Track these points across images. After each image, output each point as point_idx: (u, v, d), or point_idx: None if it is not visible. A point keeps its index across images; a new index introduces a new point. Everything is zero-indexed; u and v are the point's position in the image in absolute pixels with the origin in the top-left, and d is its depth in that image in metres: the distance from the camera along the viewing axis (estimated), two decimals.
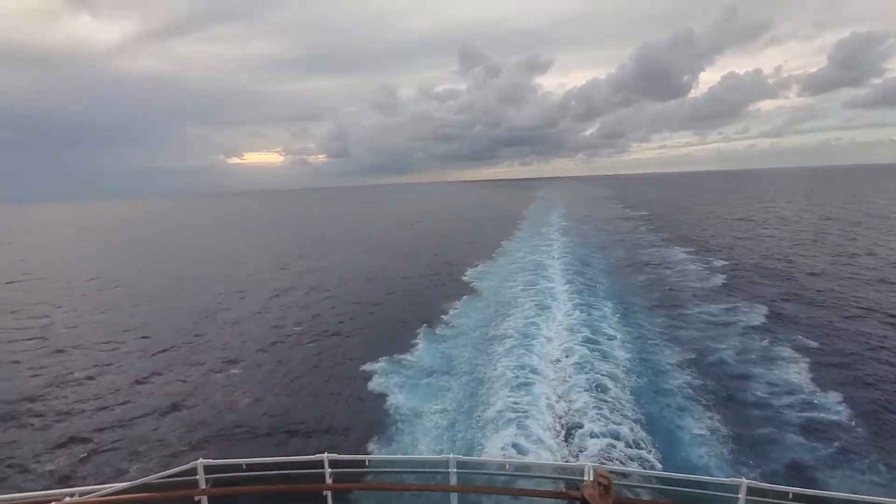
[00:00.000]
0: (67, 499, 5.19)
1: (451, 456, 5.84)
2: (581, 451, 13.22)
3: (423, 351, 22.34)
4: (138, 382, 20.75)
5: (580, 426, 14.34)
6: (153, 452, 15.26)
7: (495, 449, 13.60)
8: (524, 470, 7.02)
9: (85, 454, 15.25)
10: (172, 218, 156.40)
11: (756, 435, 14.24)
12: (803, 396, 16.15)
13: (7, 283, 45.21)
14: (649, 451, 13.11)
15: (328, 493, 5.78)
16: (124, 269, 51.28)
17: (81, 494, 5.26)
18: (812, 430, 14.24)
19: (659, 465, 12.43)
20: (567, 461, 12.46)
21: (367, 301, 32.91)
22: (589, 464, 5.62)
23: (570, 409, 15.57)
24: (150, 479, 5.50)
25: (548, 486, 6.01)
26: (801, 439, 13.84)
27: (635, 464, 12.66)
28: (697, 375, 18.28)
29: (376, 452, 14.34)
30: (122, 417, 17.60)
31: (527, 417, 15.01)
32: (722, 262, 38.09)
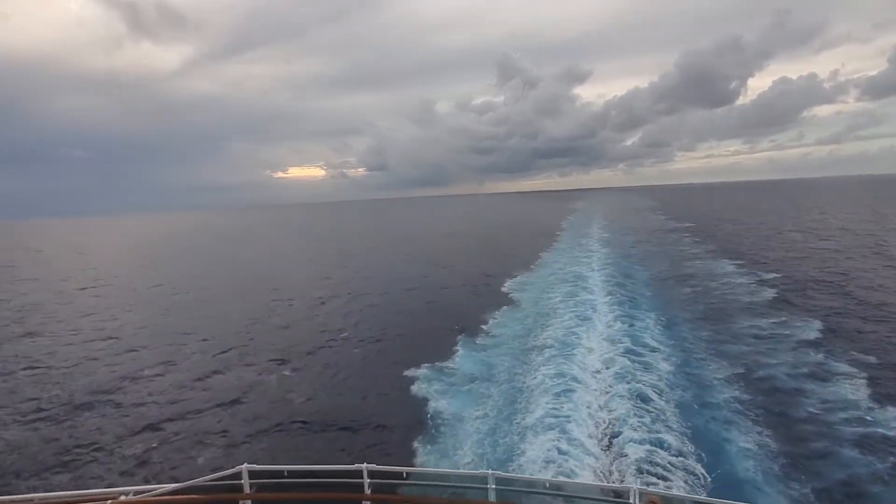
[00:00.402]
0: (123, 497, 5.43)
1: (491, 472, 5.82)
2: (622, 457, 13.34)
3: (463, 359, 22.85)
4: (198, 380, 22.37)
5: (621, 433, 14.43)
6: (207, 452, 16.10)
7: (536, 453, 13.92)
8: (566, 489, 7.04)
9: (152, 447, 16.64)
10: (226, 229, 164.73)
11: (808, 450, 13.85)
12: (859, 413, 15.49)
13: (81, 288, 49.33)
14: (693, 462, 13.06)
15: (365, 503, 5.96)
16: (184, 276, 54.80)
17: (136, 493, 5.47)
18: (868, 445, 13.69)
19: (703, 473, 12.39)
20: (612, 482, 12.38)
21: (409, 310, 33.83)
22: (635, 487, 5.47)
23: (611, 418, 15.65)
24: (198, 481, 5.63)
25: None
26: (857, 454, 13.36)
27: (680, 480, 12.59)
28: (745, 390, 17.85)
29: (420, 456, 14.93)
30: (182, 414, 19.06)
31: (568, 422, 15.22)
32: (773, 275, 36.59)
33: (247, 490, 5.61)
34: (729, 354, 21.43)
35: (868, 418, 15.17)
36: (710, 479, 12.40)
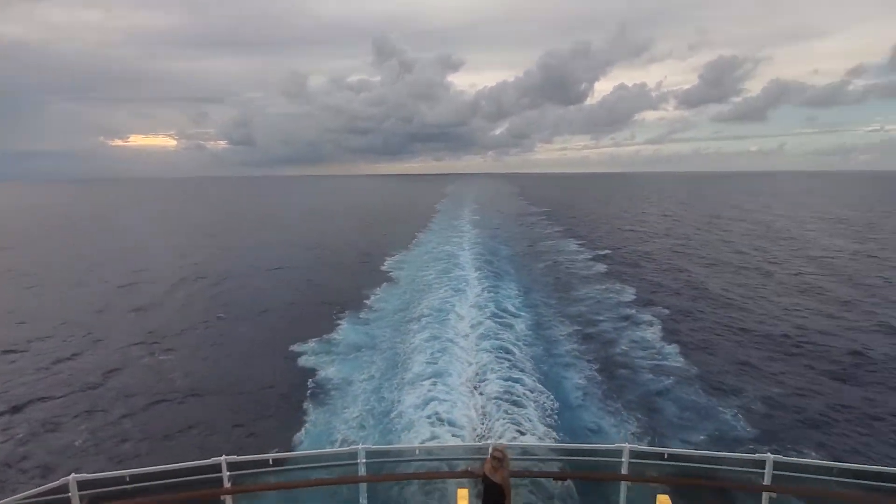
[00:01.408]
0: None
1: (361, 447, 5.84)
2: (490, 401, 16.26)
3: (347, 331, 24.19)
4: (48, 368, 20.13)
5: (486, 378, 17.45)
6: (30, 463, 14.04)
7: (416, 400, 16.18)
8: (434, 454, 7.13)
9: None
10: (50, 207, 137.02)
11: (619, 376, 18.45)
12: (653, 350, 20.92)
13: None
14: (542, 393, 16.57)
15: (226, 499, 5.44)
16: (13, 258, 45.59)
17: None
18: (658, 370, 18.81)
19: (549, 401, 15.90)
20: (478, 441, 14.75)
21: (288, 289, 33.65)
22: (491, 443, 5.83)
23: (478, 366, 18.64)
24: (17, 497, 5.08)
25: (456, 468, 6.07)
26: (650, 376, 18.28)
27: (532, 407, 15.67)
28: (581, 341, 22.41)
29: (312, 416, 16.13)
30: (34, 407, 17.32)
31: (442, 373, 17.82)
32: (605, 252, 44.37)
33: (76, 503, 5.12)
34: (570, 315, 26.27)
35: (657, 353, 20.57)
36: (555, 405, 15.93)
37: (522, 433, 13.97)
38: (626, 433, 14.63)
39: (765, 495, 5.48)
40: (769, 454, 5.60)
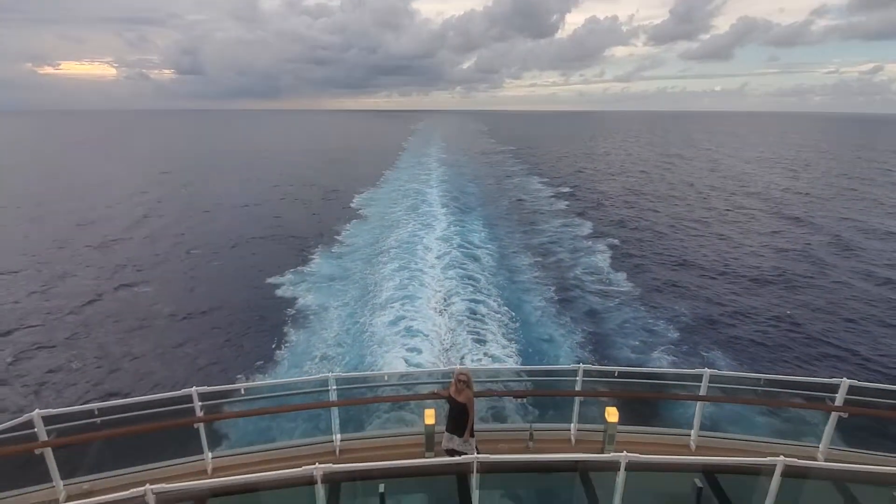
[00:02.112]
0: None
1: (331, 374, 5.85)
2: (455, 319, 18.09)
3: (321, 265, 25.29)
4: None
5: (453, 301, 19.24)
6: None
7: (388, 318, 17.89)
8: (402, 379, 7.41)
9: None
10: None
11: (571, 297, 20.65)
12: (601, 276, 23.24)
13: None
14: (503, 314, 18.54)
15: (200, 426, 5.43)
16: None
17: None
18: (603, 293, 21.12)
19: (508, 320, 17.90)
20: (443, 367, 16.48)
21: (259, 225, 33.90)
22: (456, 367, 6.21)
23: (446, 292, 20.37)
24: None
25: (423, 391, 6.27)
26: (598, 299, 20.56)
27: (494, 324, 17.59)
28: (540, 269, 24.41)
29: (293, 337, 17.57)
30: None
31: (411, 296, 19.57)
32: (567, 190, 46.19)
33: (42, 438, 5.00)
34: (531, 246, 28.16)
35: (605, 279, 22.89)
36: (515, 324, 17.93)
37: (484, 343, 15.96)
38: (574, 343, 16.90)
39: (698, 404, 5.97)
40: (706, 369, 5.96)
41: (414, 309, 18.45)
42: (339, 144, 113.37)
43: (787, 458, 4.25)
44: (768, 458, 4.29)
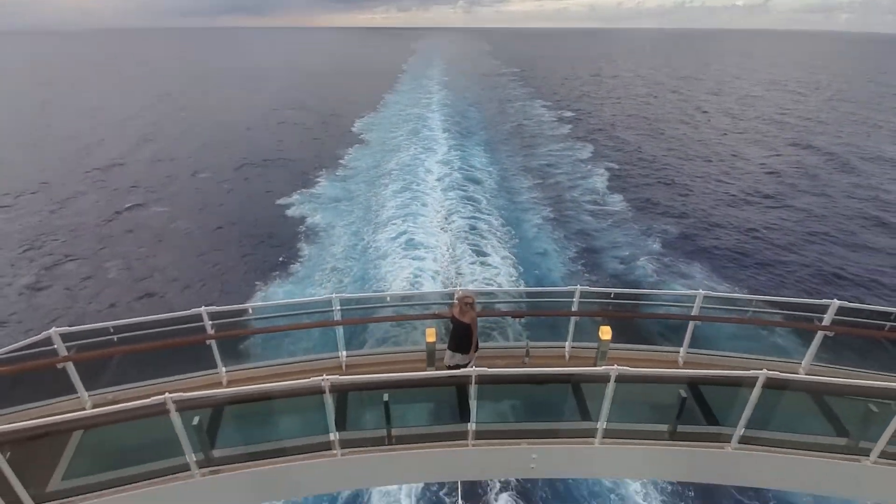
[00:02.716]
0: None
1: (335, 295, 5.93)
2: (456, 236, 19.37)
3: (327, 187, 26.16)
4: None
5: (454, 219, 20.52)
6: (9, 319, 15.55)
7: (391, 235, 19.28)
8: (404, 300, 7.54)
9: None
10: None
11: (567, 217, 21.79)
12: (597, 196, 24.20)
13: None
14: (502, 231, 19.84)
15: (212, 343, 5.60)
16: None
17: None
18: (597, 213, 22.21)
19: (509, 237, 19.20)
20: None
21: (262, 147, 34.09)
22: (458, 289, 6.21)
23: (447, 211, 21.56)
24: (1, 352, 5.06)
25: (424, 312, 6.38)
26: (592, 218, 21.71)
27: (494, 239, 18.84)
28: (539, 190, 25.29)
29: (306, 251, 18.94)
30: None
31: (414, 214, 21.03)
32: (569, 114, 45.55)
33: (63, 353, 5.20)
34: (531, 169, 28.75)
35: (601, 199, 23.85)
36: (513, 240, 19.25)
37: (483, 254, 17.33)
38: (566, 258, 18.24)
39: (690, 324, 6.01)
40: (700, 290, 6.07)
41: (416, 226, 19.80)
42: (334, 65, 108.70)
43: (770, 371, 4.48)
44: (752, 371, 4.51)
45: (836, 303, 5.69)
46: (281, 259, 18.52)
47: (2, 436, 3.83)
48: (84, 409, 5.20)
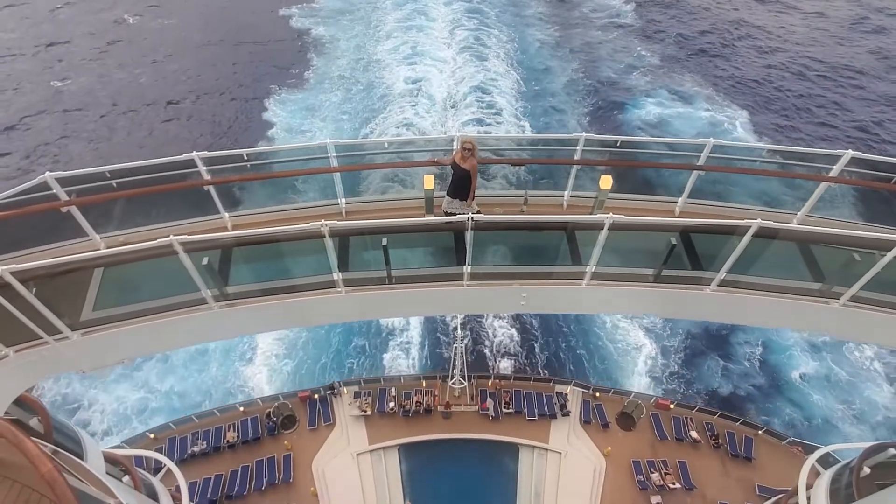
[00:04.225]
0: None
1: (329, 140, 5.77)
2: (462, 49, 18.05)
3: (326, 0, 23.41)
4: None
5: (459, 33, 19.24)
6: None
7: (391, 46, 18.40)
8: (402, 146, 7.32)
9: None
10: None
11: (573, 34, 20.07)
12: (613, 11, 21.46)
13: None
14: (508, 44, 18.47)
15: (211, 189, 5.50)
16: None
17: None
18: (607, 27, 20.32)
19: (516, 57, 17.74)
20: (445, 133, 16.66)
21: None
22: (457, 134, 5.93)
23: (450, 25, 19.87)
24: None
25: (422, 158, 6.19)
26: (599, 33, 20.01)
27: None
28: (546, 5, 22.43)
29: (316, 63, 18.23)
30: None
31: (415, 29, 19.57)
32: None
33: (63, 197, 5.09)
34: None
35: (615, 13, 21.18)
36: (518, 54, 17.92)
37: (485, 59, 16.56)
38: (569, 69, 17.30)
39: (693, 173, 5.84)
40: (710, 139, 5.86)
41: (418, 37, 18.87)
42: None
43: (764, 221, 4.47)
44: (745, 220, 4.50)
45: (850, 153, 5.41)
46: (289, 67, 18.39)
47: (28, 272, 4.05)
48: (98, 248, 5.30)
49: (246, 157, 5.91)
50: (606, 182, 5.69)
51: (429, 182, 5.64)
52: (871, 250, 4.58)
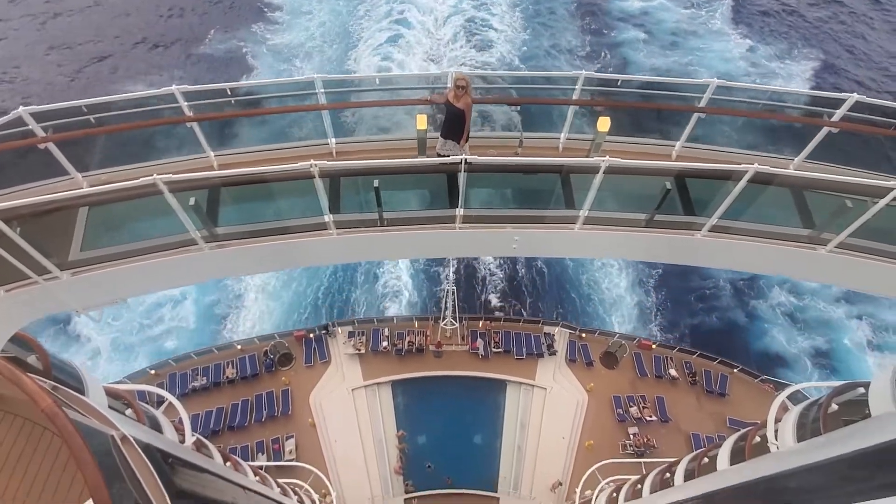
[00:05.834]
0: None
1: (317, 76, 5.55)
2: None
3: None
4: None
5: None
6: None
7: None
8: (393, 83, 7.22)
9: None
10: None
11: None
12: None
13: None
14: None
15: (194, 126, 5.28)
16: None
17: None
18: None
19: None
20: (439, 71, 15.35)
21: None
22: (451, 70, 5.79)
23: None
24: None
25: (415, 96, 5.98)
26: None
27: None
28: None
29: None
30: None
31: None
32: None
33: (39, 134, 4.81)
34: None
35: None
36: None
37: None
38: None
39: (694, 116, 5.71)
40: (714, 79, 5.63)
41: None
42: None
43: (760, 166, 4.39)
44: (742, 165, 4.42)
45: (855, 97, 5.24)
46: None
47: (9, 211, 3.91)
48: (81, 187, 5.04)
49: (229, 93, 5.60)
50: (604, 124, 5.47)
51: (421, 122, 5.37)
52: (865, 197, 4.50)
